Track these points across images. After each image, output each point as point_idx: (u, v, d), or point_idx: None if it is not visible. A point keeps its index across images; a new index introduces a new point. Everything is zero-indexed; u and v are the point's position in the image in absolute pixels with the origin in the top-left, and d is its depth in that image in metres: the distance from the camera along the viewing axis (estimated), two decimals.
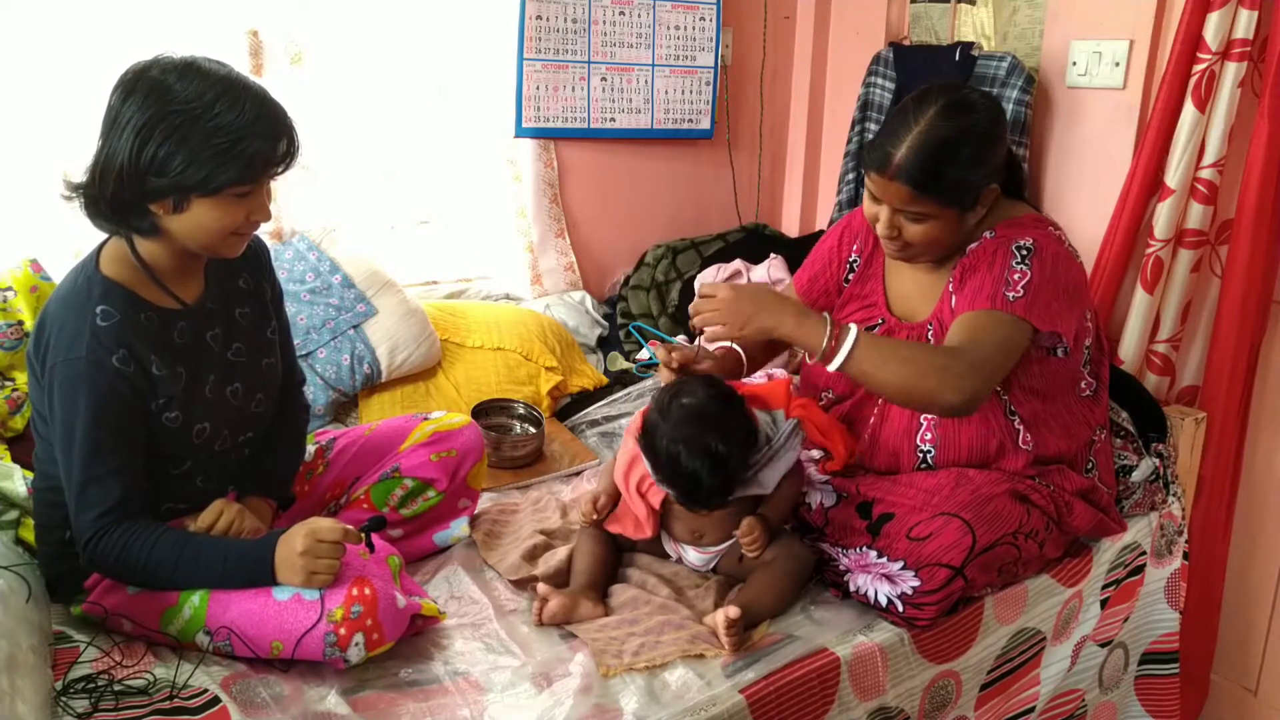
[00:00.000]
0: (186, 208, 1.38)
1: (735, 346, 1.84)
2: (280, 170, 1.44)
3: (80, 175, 1.41)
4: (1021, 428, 1.72)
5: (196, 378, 1.50)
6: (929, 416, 1.73)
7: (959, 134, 1.59)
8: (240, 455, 1.62)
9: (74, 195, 1.42)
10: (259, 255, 1.66)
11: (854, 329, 1.55)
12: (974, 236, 1.72)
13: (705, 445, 1.54)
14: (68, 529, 1.44)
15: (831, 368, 1.55)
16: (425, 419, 1.85)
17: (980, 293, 1.63)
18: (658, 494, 1.66)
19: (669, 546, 1.76)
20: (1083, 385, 1.80)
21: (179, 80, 1.34)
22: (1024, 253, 1.64)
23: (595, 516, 1.71)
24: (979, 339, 1.59)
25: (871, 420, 1.81)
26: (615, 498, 1.73)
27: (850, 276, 1.92)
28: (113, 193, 1.36)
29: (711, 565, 1.73)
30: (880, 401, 1.79)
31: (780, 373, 2.04)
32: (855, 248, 1.91)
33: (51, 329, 1.40)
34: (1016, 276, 1.62)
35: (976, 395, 1.54)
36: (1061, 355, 1.72)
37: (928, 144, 1.58)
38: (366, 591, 1.39)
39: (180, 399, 1.47)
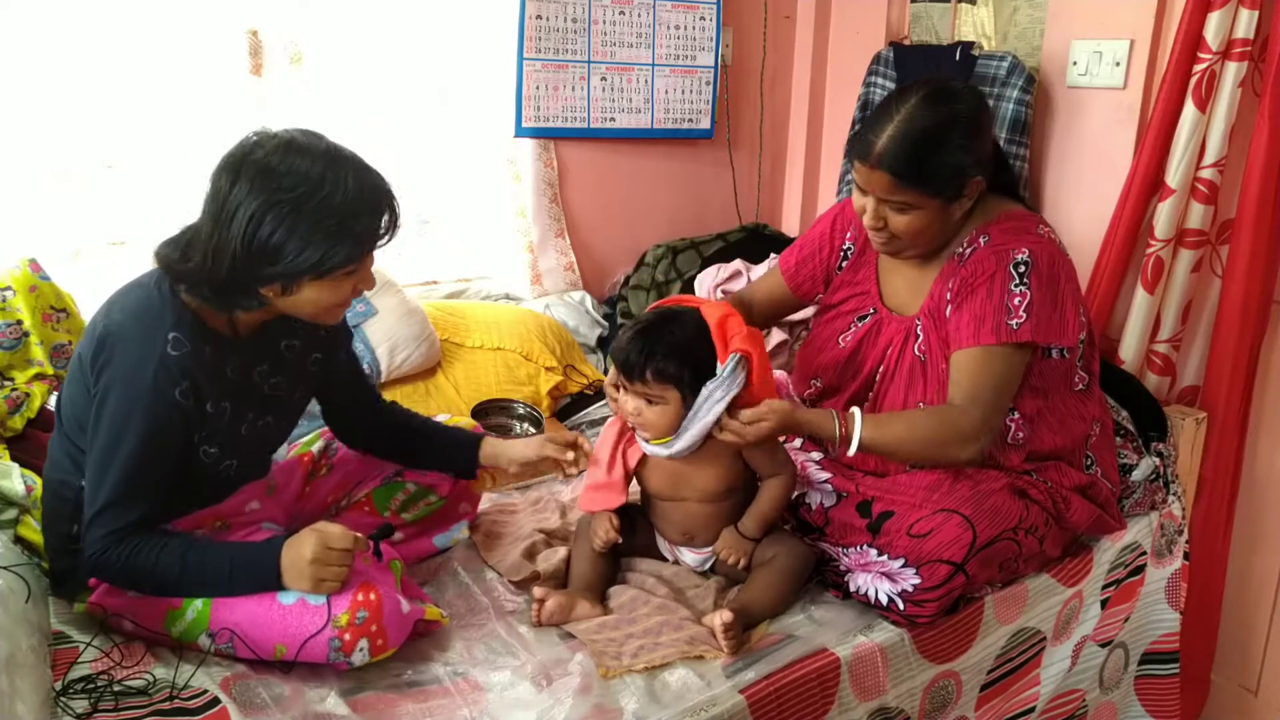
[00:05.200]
0: (296, 290, 1.40)
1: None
2: (385, 243, 1.44)
3: (170, 250, 1.40)
4: (1013, 425, 1.73)
5: (238, 414, 1.50)
6: None
7: (941, 122, 1.60)
8: (252, 474, 1.62)
9: (170, 273, 1.40)
10: None
11: (857, 414, 1.62)
12: (963, 232, 1.73)
13: (658, 319, 1.63)
14: (75, 523, 1.45)
15: (850, 453, 1.62)
16: None
17: (983, 324, 1.64)
18: (635, 453, 1.68)
19: (665, 550, 1.76)
20: (1075, 380, 1.81)
21: (282, 162, 1.34)
22: (1022, 270, 1.65)
23: (616, 536, 1.68)
24: (982, 386, 1.63)
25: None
26: (612, 517, 1.70)
27: (843, 264, 1.92)
28: (225, 278, 1.36)
29: (709, 565, 1.73)
30: (873, 394, 1.81)
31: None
32: (850, 235, 1.92)
33: (118, 343, 1.38)
34: (1017, 301, 1.63)
35: (986, 445, 1.65)
36: (1057, 356, 1.72)
37: (910, 132, 1.59)
38: (372, 597, 1.39)
39: (220, 436, 1.47)
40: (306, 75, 2.39)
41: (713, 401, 1.58)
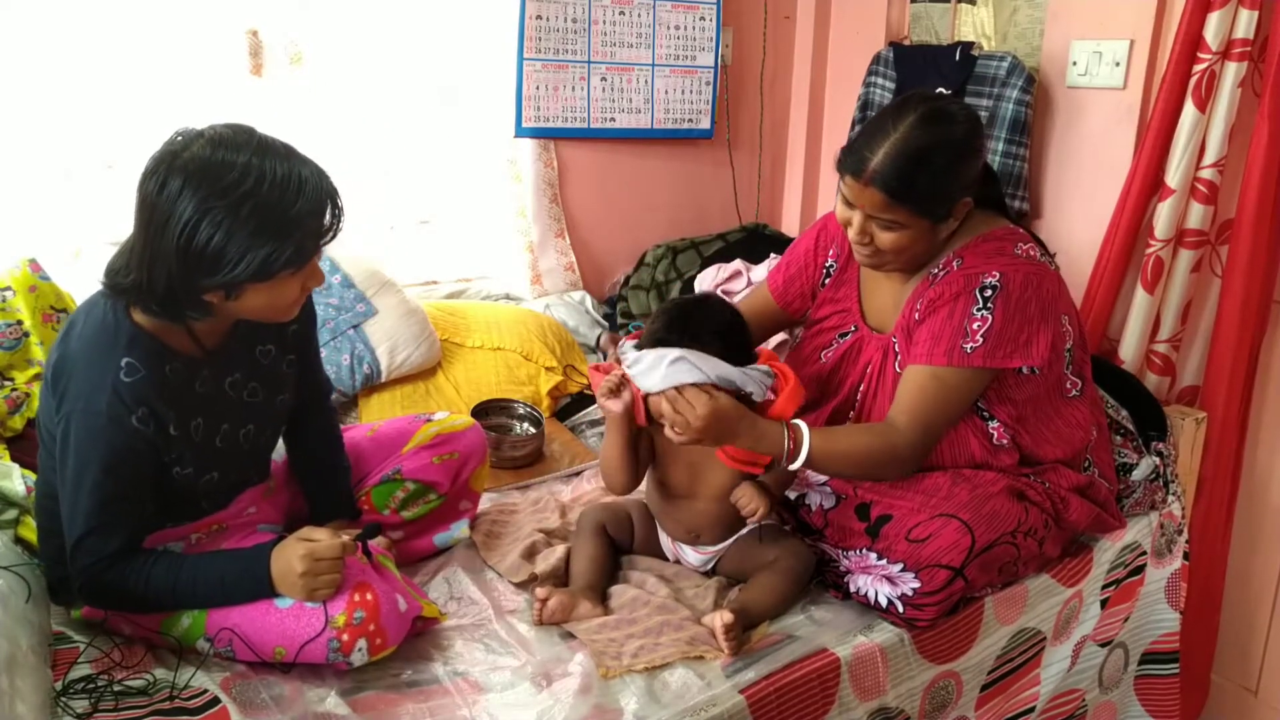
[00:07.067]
0: (240, 295, 1.33)
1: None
2: (329, 240, 1.37)
3: (116, 262, 1.34)
4: (996, 430, 1.72)
5: (212, 428, 1.46)
6: None
7: (936, 143, 1.58)
8: (248, 481, 1.60)
9: (114, 290, 1.34)
10: None
11: (806, 431, 1.59)
12: (944, 251, 1.72)
13: (697, 299, 1.71)
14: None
15: (793, 467, 1.60)
16: (428, 420, 1.84)
17: (938, 343, 1.64)
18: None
19: (667, 548, 1.76)
20: (1067, 386, 1.80)
21: (212, 160, 1.25)
22: (988, 294, 1.64)
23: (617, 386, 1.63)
24: (925, 407, 1.64)
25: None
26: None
27: (826, 280, 1.92)
28: (164, 290, 1.29)
29: (710, 566, 1.73)
30: (856, 410, 1.81)
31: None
32: (832, 252, 1.91)
33: (73, 371, 1.34)
34: (976, 325, 1.63)
35: (918, 464, 1.68)
36: (1027, 373, 1.70)
37: (905, 151, 1.57)
38: (368, 597, 1.39)
39: (193, 454, 1.43)
40: (306, 75, 2.39)
41: (720, 369, 1.53)
